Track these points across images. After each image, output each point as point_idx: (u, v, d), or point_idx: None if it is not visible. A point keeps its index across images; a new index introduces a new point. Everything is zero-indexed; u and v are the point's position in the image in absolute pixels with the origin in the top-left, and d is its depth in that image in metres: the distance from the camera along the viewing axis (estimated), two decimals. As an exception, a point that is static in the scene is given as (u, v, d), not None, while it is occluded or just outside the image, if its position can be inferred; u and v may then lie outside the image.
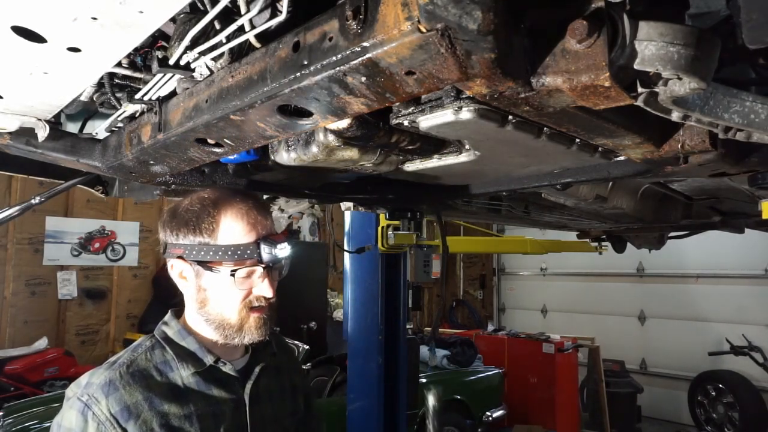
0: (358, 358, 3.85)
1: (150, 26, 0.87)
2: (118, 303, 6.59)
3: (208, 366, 1.19)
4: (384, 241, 3.56)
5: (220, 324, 1.18)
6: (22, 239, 6.02)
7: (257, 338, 1.19)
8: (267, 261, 1.16)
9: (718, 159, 1.19)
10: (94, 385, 1.09)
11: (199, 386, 1.17)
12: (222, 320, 1.18)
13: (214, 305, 1.18)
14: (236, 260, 1.15)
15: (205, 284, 1.18)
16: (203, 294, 1.19)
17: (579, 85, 0.74)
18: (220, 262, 1.15)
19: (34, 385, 5.02)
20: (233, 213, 1.18)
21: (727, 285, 7.55)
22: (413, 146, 1.29)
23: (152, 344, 1.21)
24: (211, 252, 1.15)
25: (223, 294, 1.17)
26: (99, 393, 1.07)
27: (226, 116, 1.00)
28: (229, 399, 1.19)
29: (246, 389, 1.23)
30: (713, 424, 6.97)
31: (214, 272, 1.16)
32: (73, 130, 1.51)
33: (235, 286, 1.16)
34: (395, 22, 0.67)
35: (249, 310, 1.18)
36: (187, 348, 1.20)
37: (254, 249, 1.15)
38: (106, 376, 1.10)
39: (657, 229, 3.45)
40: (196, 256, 1.16)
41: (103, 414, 1.05)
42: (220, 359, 1.20)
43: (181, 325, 1.23)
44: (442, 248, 2.51)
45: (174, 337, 1.21)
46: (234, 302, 1.17)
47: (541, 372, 6.10)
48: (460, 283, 10.73)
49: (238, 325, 1.17)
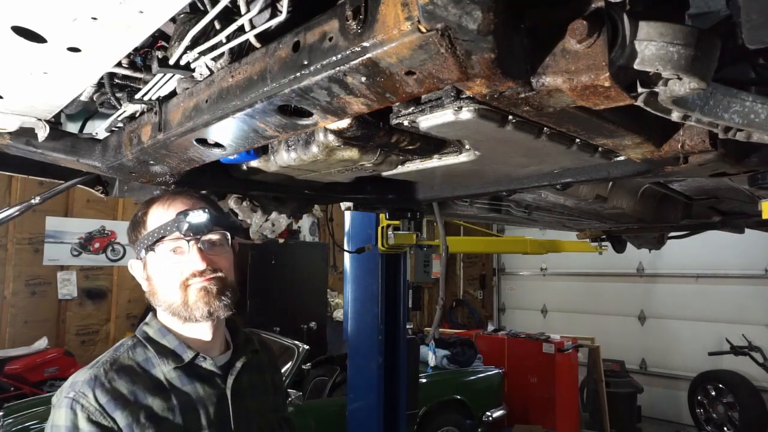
0: (358, 358, 3.85)
1: (150, 26, 0.87)
2: (118, 303, 6.59)
3: (188, 361, 1.20)
4: (384, 241, 3.55)
5: (170, 307, 1.21)
6: (22, 239, 6.02)
7: (206, 310, 1.19)
8: (186, 230, 1.19)
9: (718, 159, 1.19)
10: (79, 382, 1.11)
11: (181, 381, 1.19)
12: (170, 303, 1.21)
13: (161, 291, 1.22)
14: (159, 239, 1.21)
15: (150, 272, 1.24)
16: (152, 285, 1.24)
17: (579, 85, 0.74)
18: (152, 247, 1.22)
19: (34, 385, 5.02)
20: (157, 204, 1.27)
21: (727, 285, 7.54)
22: (413, 146, 1.29)
23: (134, 343, 1.23)
24: (145, 241, 1.22)
25: (162, 277, 1.22)
26: (85, 387, 1.10)
27: (226, 116, 1.00)
28: (211, 393, 1.21)
29: (228, 383, 1.25)
30: (713, 424, 6.96)
31: (149, 258, 1.23)
32: (73, 130, 1.51)
33: (167, 265, 1.21)
34: (395, 22, 0.67)
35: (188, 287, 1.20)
36: (167, 345, 1.22)
37: (172, 224, 1.20)
38: (90, 373, 1.13)
39: (657, 229, 3.45)
40: (139, 250, 1.24)
41: (91, 405, 1.08)
42: (199, 354, 1.22)
43: (161, 325, 1.26)
44: (442, 248, 2.51)
45: (154, 335, 1.24)
46: (172, 282, 1.20)
47: (541, 372, 6.09)
48: (460, 283, 10.73)
49: (183, 301, 1.19)
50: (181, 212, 1.21)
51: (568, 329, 8.01)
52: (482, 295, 10.83)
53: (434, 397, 4.91)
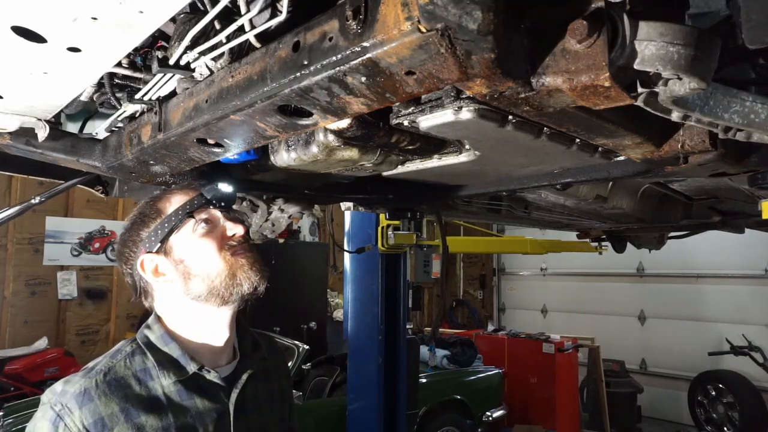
0: (358, 358, 3.85)
1: (150, 26, 0.87)
2: (118, 303, 6.60)
3: (191, 374, 1.12)
4: (384, 241, 3.56)
5: (211, 285, 1.12)
6: (22, 239, 6.02)
7: (255, 281, 1.13)
8: (214, 197, 1.16)
9: (718, 159, 1.19)
10: (69, 393, 1.03)
11: (180, 396, 1.10)
12: (211, 279, 1.12)
13: (198, 270, 1.13)
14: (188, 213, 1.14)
15: (179, 255, 1.14)
16: (183, 267, 1.13)
17: (579, 85, 0.74)
18: (178, 226, 1.14)
19: (34, 385, 5.02)
20: (170, 194, 1.20)
21: (727, 285, 7.55)
22: (413, 146, 1.29)
23: (132, 350, 1.14)
24: (166, 225, 1.14)
25: (199, 252, 1.13)
26: (72, 403, 1.02)
27: (226, 116, 1.00)
28: (212, 409, 1.12)
29: (231, 398, 1.16)
30: (713, 424, 6.96)
31: (179, 236, 1.14)
32: (73, 130, 1.51)
33: (202, 235, 1.14)
34: (395, 22, 0.67)
35: (233, 255, 1.14)
36: (170, 354, 1.13)
37: (199, 198, 1.16)
38: (81, 384, 1.05)
39: (657, 229, 3.45)
40: (157, 240, 1.13)
41: (75, 426, 1.00)
42: (204, 367, 1.14)
43: (164, 330, 1.16)
44: (442, 248, 2.51)
45: (156, 342, 1.15)
46: (213, 253, 1.13)
47: (541, 372, 6.09)
48: (460, 283, 10.73)
49: (229, 272, 1.12)
50: (208, 187, 1.17)
51: (568, 329, 8.01)
52: (482, 295, 10.83)
53: (434, 397, 4.91)
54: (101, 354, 1.16)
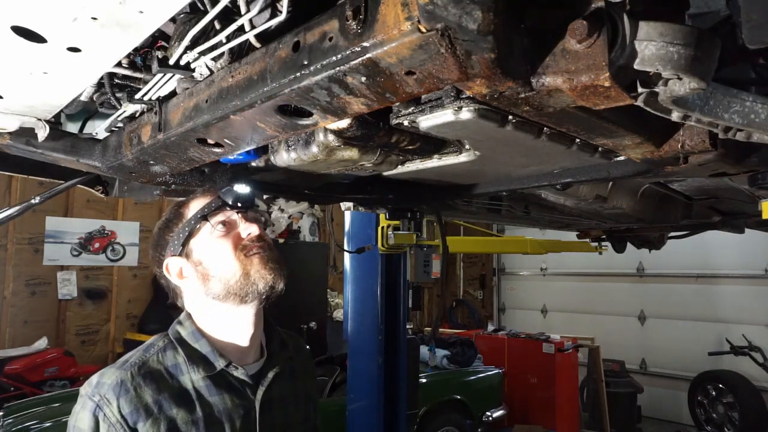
0: (358, 358, 3.85)
1: (150, 26, 0.87)
2: (118, 303, 6.59)
3: (219, 370, 1.17)
4: (384, 241, 3.55)
5: (227, 285, 1.16)
6: (22, 239, 6.02)
7: (270, 280, 1.16)
8: (231, 199, 1.20)
9: (718, 159, 1.19)
10: (106, 385, 1.08)
11: (209, 391, 1.15)
12: (227, 280, 1.16)
13: (215, 271, 1.17)
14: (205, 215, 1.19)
15: (198, 257, 1.19)
16: (202, 269, 1.18)
17: (579, 85, 0.74)
18: (197, 229, 1.20)
19: (34, 385, 5.02)
20: (192, 198, 1.25)
21: (728, 285, 7.55)
22: (413, 146, 1.29)
23: (164, 345, 1.19)
24: (186, 228, 1.19)
25: (215, 254, 1.18)
26: (110, 394, 1.07)
27: (226, 116, 1.00)
28: (239, 405, 1.17)
29: (258, 395, 1.20)
30: (713, 424, 6.96)
31: (198, 239, 1.19)
32: (73, 130, 1.51)
33: (218, 237, 1.18)
34: (395, 22, 0.67)
35: (246, 255, 1.17)
36: (199, 350, 1.18)
37: (217, 200, 1.20)
38: (117, 376, 1.10)
39: (657, 229, 3.45)
40: (179, 243, 1.19)
41: (114, 416, 1.05)
42: (231, 363, 1.18)
43: (195, 327, 1.21)
44: (442, 248, 2.51)
45: (187, 338, 1.20)
46: (228, 254, 1.17)
47: (541, 372, 6.09)
48: (460, 283, 10.73)
49: (243, 273, 1.15)
50: (224, 189, 1.20)
51: (568, 329, 8.01)
52: (482, 295, 10.83)
53: (434, 397, 4.91)
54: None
